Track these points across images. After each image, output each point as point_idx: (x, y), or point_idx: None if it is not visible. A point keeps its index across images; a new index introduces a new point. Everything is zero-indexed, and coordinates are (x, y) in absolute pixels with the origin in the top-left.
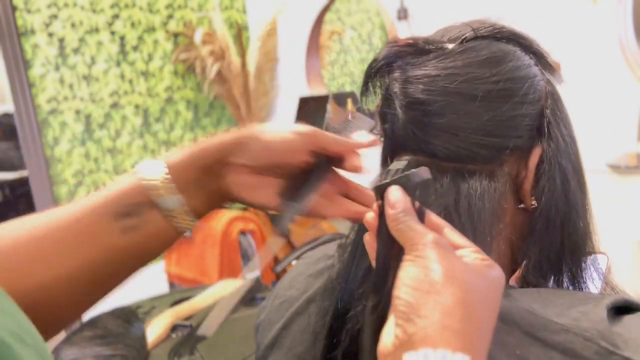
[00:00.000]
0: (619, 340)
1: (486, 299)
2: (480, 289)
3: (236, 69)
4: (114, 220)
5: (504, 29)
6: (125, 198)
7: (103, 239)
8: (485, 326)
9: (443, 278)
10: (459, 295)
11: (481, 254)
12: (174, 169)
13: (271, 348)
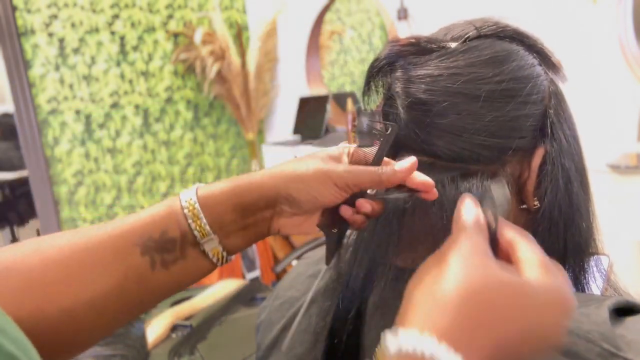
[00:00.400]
0: (621, 342)
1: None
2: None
3: (236, 69)
4: (142, 254)
5: (508, 28)
6: (157, 231)
7: (131, 270)
8: (486, 332)
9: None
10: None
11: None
12: (213, 212)
13: (272, 348)
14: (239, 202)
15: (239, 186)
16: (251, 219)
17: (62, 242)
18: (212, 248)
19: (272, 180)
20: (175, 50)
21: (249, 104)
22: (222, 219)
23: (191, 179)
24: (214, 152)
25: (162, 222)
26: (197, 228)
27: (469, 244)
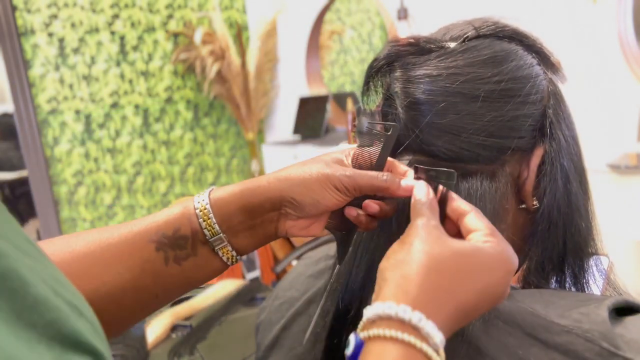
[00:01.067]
0: (620, 342)
1: (457, 273)
2: (450, 267)
3: (236, 69)
4: (157, 250)
5: (507, 28)
6: (171, 229)
7: (147, 264)
8: (445, 295)
9: (410, 253)
10: (420, 268)
11: (491, 237)
12: (222, 212)
13: (271, 348)
14: (246, 204)
15: (248, 189)
16: (258, 220)
17: (90, 238)
18: (221, 246)
19: (278, 183)
20: (175, 50)
21: (249, 104)
22: (231, 219)
23: (191, 179)
24: (214, 152)
25: (176, 221)
26: (207, 227)
27: (423, 224)
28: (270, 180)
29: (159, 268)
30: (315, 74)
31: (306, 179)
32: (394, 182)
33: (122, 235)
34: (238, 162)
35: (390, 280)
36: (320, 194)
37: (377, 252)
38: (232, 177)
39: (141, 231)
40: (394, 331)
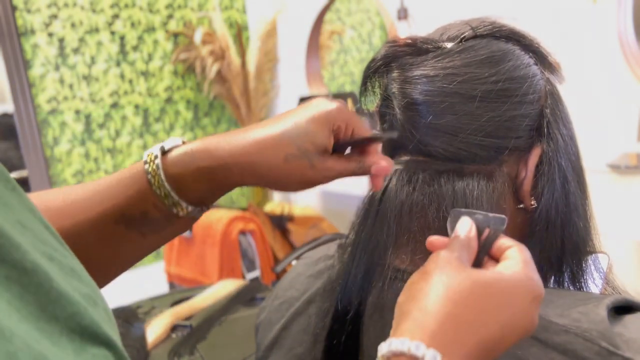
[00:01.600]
0: (619, 341)
1: (481, 304)
2: (471, 302)
3: (236, 69)
4: (128, 229)
5: (504, 28)
6: (137, 212)
7: (123, 238)
8: (465, 333)
9: (428, 287)
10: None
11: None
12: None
13: (271, 348)
14: (206, 184)
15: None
16: (219, 193)
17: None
18: (192, 216)
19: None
20: (175, 50)
21: (249, 104)
22: (189, 194)
23: None
24: None
25: (140, 205)
26: (177, 210)
27: (445, 255)
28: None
29: (137, 239)
30: (315, 74)
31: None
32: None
33: (87, 215)
34: None
35: (407, 313)
36: (293, 188)
37: (377, 252)
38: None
39: (105, 212)
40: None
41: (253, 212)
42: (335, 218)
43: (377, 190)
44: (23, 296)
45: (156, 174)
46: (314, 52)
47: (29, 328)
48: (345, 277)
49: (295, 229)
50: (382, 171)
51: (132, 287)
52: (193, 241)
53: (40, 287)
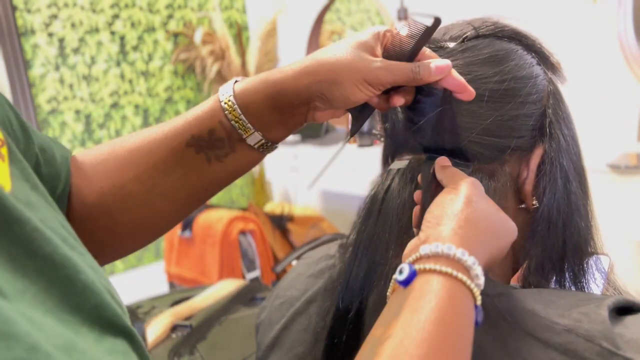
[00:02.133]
0: (620, 341)
1: (493, 228)
2: (489, 220)
3: (236, 69)
4: (197, 152)
5: (506, 28)
6: (205, 131)
7: (190, 165)
8: (486, 244)
9: (464, 203)
10: (471, 217)
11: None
12: (253, 112)
13: (272, 348)
14: (275, 102)
15: (274, 86)
16: (288, 115)
17: (131, 145)
18: (257, 141)
19: (305, 78)
20: (175, 50)
21: None
22: (262, 117)
23: None
24: None
25: (208, 122)
26: (241, 128)
27: (472, 181)
28: (297, 75)
29: (203, 167)
30: None
31: (337, 74)
32: (428, 70)
33: (160, 141)
34: None
35: (445, 226)
36: (351, 91)
37: (378, 252)
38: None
39: (177, 135)
40: (450, 269)
41: (253, 212)
42: (335, 218)
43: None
44: (49, 289)
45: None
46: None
47: (52, 320)
48: (346, 277)
49: (295, 229)
50: (441, 70)
51: (132, 287)
52: (193, 241)
53: (67, 280)
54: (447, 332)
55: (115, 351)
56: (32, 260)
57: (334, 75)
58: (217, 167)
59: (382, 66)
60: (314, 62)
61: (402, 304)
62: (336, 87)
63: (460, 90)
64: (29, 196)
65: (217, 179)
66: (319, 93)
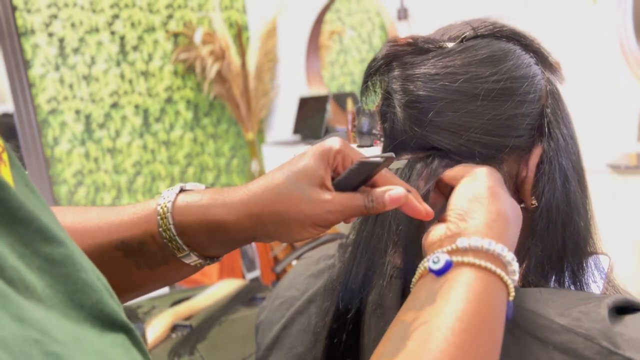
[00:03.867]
0: (620, 340)
1: (515, 219)
2: (512, 211)
3: (236, 69)
4: (125, 257)
5: (504, 28)
6: (135, 240)
7: (118, 267)
8: (513, 236)
9: (491, 195)
10: (502, 209)
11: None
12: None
13: (271, 348)
14: (215, 235)
15: (215, 222)
16: (230, 245)
17: (66, 224)
18: (192, 260)
19: (249, 221)
20: (175, 50)
21: (249, 104)
22: (199, 241)
23: (191, 179)
24: (214, 152)
25: (140, 232)
26: (174, 248)
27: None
28: (240, 217)
29: (131, 270)
30: (315, 74)
31: (283, 218)
32: (382, 202)
33: (91, 233)
34: (238, 162)
35: (480, 219)
36: (299, 233)
37: (377, 251)
38: (232, 177)
39: (109, 234)
40: (490, 264)
41: None
42: None
43: (419, 218)
44: (53, 286)
45: (165, 217)
46: (314, 52)
47: (57, 314)
48: (346, 276)
49: None
50: (396, 200)
51: None
52: None
53: (68, 277)
54: (483, 324)
55: (116, 345)
56: (36, 257)
57: (280, 219)
58: (146, 273)
59: (332, 209)
60: (258, 203)
61: (436, 292)
62: (283, 229)
63: (418, 216)
64: (30, 198)
65: (145, 284)
66: (264, 233)
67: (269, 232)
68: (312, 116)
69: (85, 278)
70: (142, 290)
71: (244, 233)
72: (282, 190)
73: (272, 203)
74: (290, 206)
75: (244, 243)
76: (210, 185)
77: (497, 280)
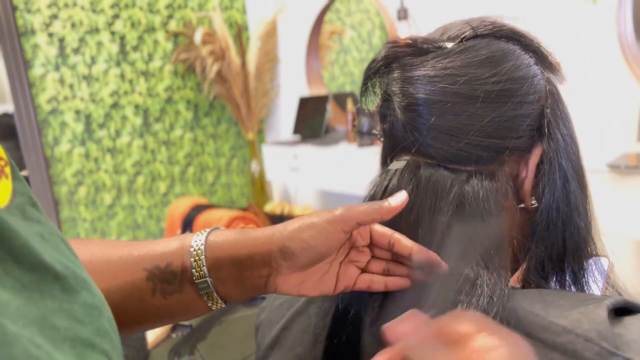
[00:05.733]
0: (619, 341)
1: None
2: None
3: (236, 69)
4: (147, 280)
5: (504, 28)
6: (164, 262)
7: (135, 291)
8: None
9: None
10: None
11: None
12: (213, 257)
13: (271, 348)
14: (236, 253)
15: (239, 238)
16: (247, 273)
17: (95, 250)
18: (206, 290)
19: (267, 233)
20: (175, 50)
21: (249, 104)
22: (220, 267)
23: (191, 179)
24: (214, 152)
25: (171, 254)
26: (196, 268)
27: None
28: (264, 232)
29: (146, 296)
30: (315, 74)
31: (298, 225)
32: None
33: (122, 257)
34: (238, 162)
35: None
36: (312, 237)
37: None
38: (232, 177)
39: (139, 257)
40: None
41: (253, 212)
42: None
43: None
44: (35, 303)
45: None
46: (314, 52)
47: (33, 333)
48: None
49: None
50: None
51: None
52: None
53: (53, 297)
54: None
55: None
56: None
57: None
58: (157, 301)
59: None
60: (283, 224)
61: None
62: (298, 235)
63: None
64: (27, 211)
65: (154, 315)
66: (280, 246)
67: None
68: (312, 116)
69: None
70: (149, 323)
71: (260, 250)
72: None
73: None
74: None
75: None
76: (211, 185)
77: None
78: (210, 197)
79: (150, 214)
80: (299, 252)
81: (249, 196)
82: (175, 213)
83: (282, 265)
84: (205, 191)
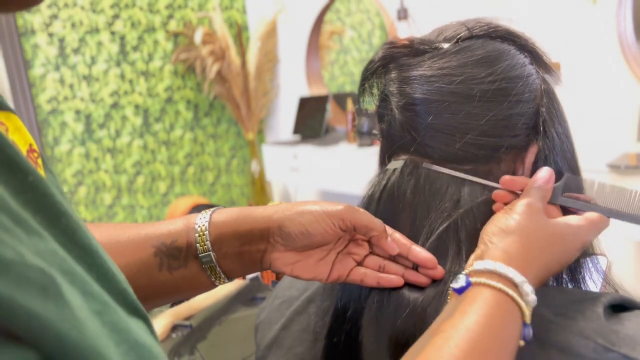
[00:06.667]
0: (615, 337)
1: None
2: (541, 237)
3: (236, 69)
4: (154, 255)
5: (499, 28)
6: (170, 239)
7: (143, 267)
8: (537, 260)
9: (516, 223)
10: (523, 234)
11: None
12: (217, 233)
13: (271, 348)
14: (237, 228)
15: (243, 214)
16: (246, 247)
17: (103, 232)
18: (209, 265)
19: (269, 211)
20: (175, 50)
21: (249, 104)
22: (223, 241)
23: (191, 179)
24: (214, 152)
25: (176, 232)
26: (200, 242)
27: (529, 203)
28: (266, 209)
29: (152, 272)
30: (315, 74)
31: (301, 209)
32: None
33: (130, 237)
34: (238, 162)
35: (497, 244)
36: (310, 223)
37: None
38: (232, 177)
39: (147, 235)
40: (501, 285)
41: None
42: None
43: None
44: (89, 272)
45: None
46: (314, 52)
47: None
48: None
49: None
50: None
51: None
52: None
53: (100, 267)
54: (492, 335)
55: (140, 328)
56: (75, 248)
57: (297, 211)
58: (164, 277)
59: (345, 205)
60: (288, 204)
61: (456, 307)
62: (297, 217)
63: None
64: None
65: (160, 291)
66: (279, 224)
67: (284, 221)
68: (312, 116)
69: (113, 269)
70: (155, 299)
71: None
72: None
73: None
74: (311, 204)
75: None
76: (211, 185)
77: (510, 300)
78: (210, 197)
79: (150, 214)
80: (295, 234)
81: (249, 196)
82: (175, 213)
83: (278, 242)
84: (205, 191)
